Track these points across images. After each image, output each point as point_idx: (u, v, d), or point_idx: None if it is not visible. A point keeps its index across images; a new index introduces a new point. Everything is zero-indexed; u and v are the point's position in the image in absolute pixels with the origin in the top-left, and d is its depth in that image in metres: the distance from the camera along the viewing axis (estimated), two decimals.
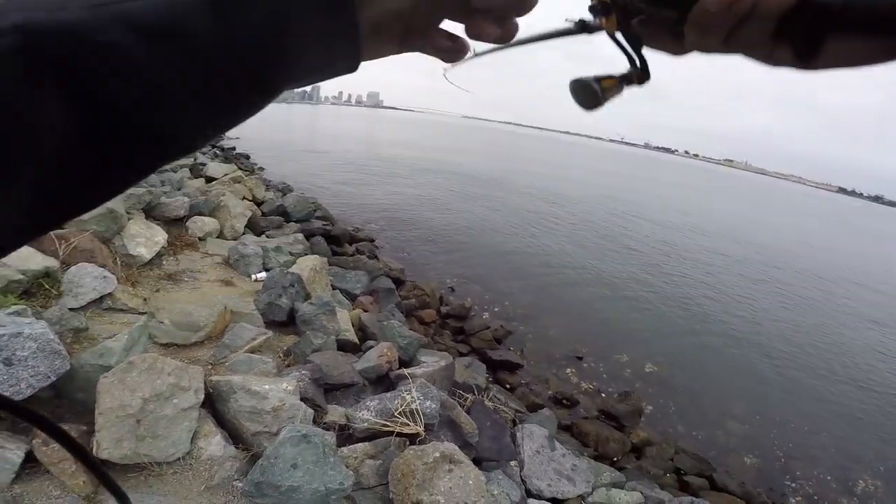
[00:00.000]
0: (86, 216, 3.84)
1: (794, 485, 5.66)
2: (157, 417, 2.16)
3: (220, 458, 2.32)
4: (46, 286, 3.00)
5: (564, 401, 6.25)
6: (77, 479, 1.96)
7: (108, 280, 3.20)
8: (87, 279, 3.10)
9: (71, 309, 2.90)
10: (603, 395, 6.67)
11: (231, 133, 29.33)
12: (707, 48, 0.29)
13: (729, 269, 16.01)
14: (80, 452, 0.44)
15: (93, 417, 2.10)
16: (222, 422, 2.55)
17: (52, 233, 3.47)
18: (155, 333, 3.01)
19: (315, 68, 0.30)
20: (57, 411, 2.24)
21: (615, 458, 5.27)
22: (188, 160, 9.94)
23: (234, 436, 2.51)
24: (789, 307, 12.88)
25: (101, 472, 0.46)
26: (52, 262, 3.11)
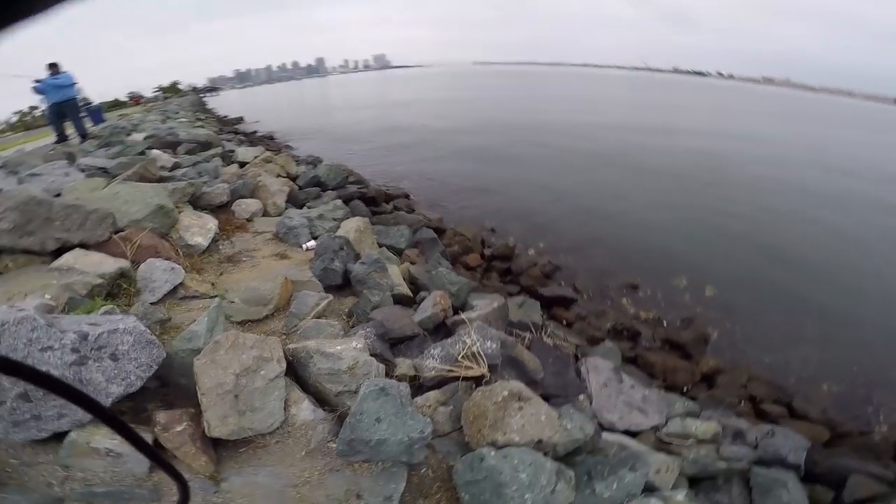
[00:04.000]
0: (139, 215, 4.07)
1: (879, 413, 5.16)
2: (250, 390, 2.25)
3: (313, 422, 2.39)
4: (125, 286, 3.20)
5: (625, 332, 6.03)
6: (199, 460, 2.07)
7: (177, 271, 3.40)
8: (158, 273, 3.31)
9: (151, 303, 3.09)
10: (665, 323, 6.41)
11: (250, 118, 29.61)
12: None
13: (789, 186, 14.93)
14: (145, 446, 0.48)
15: (198, 399, 2.21)
16: (306, 387, 2.64)
17: (115, 236, 3.71)
18: (229, 313, 3.19)
19: None
20: (167, 399, 2.34)
21: (685, 389, 5.03)
22: (216, 149, 10.12)
23: (320, 399, 2.59)
24: (854, 222, 11.75)
25: (164, 461, 0.51)
26: (123, 263, 3.32)
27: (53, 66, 9.47)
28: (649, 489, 2.72)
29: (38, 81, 9.36)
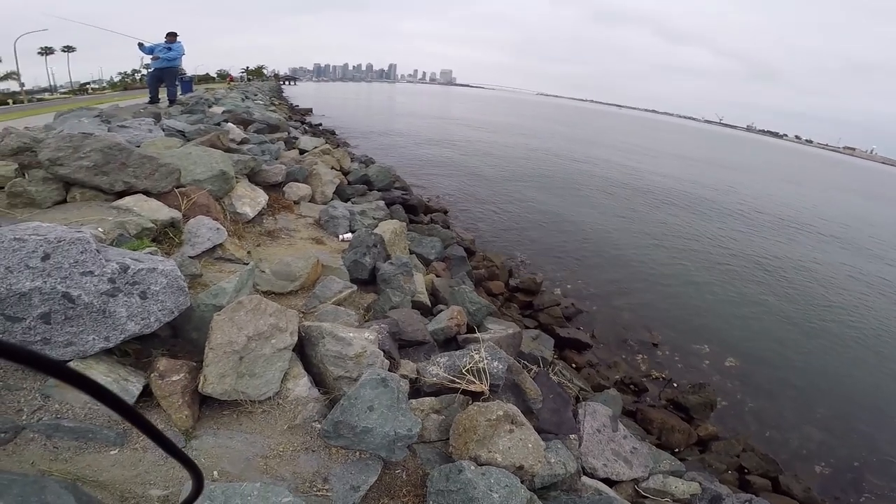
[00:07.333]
0: (202, 176, 4.38)
1: (862, 499, 5.11)
2: (256, 356, 2.28)
3: (305, 400, 2.39)
4: (171, 235, 3.43)
5: (632, 386, 6.03)
6: (182, 413, 2.07)
7: (221, 232, 3.63)
8: (204, 230, 3.55)
9: (190, 257, 3.26)
10: (675, 384, 6.34)
11: (318, 111, 31.12)
12: None
13: (844, 269, 14.18)
14: (156, 435, 0.48)
15: (202, 356, 2.21)
16: (308, 365, 2.67)
17: (176, 190, 4.01)
18: (257, 281, 3.36)
19: None
20: (173, 349, 2.40)
21: (678, 449, 5.04)
22: (282, 133, 10.77)
23: (318, 380, 2.61)
24: None
25: (177, 450, 0.51)
26: (176, 214, 3.59)
27: (171, 35, 10.36)
28: None
29: (145, 44, 10.31)
